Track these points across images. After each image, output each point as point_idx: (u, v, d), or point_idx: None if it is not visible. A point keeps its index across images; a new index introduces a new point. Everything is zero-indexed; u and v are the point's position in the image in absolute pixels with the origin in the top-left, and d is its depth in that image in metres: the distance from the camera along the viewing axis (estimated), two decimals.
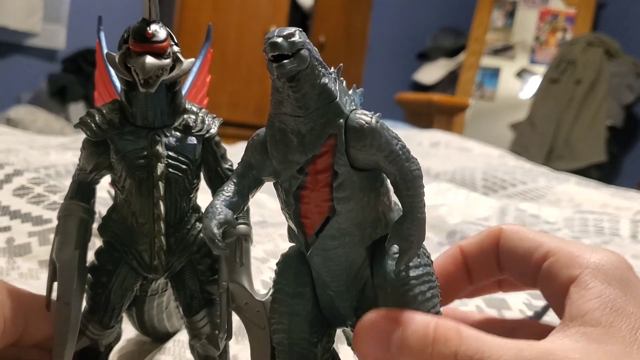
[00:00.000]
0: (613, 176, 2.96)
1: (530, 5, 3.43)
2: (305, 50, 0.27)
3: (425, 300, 0.30)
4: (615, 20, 3.27)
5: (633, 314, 0.27)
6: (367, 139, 0.28)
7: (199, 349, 0.39)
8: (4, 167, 0.70)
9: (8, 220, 0.63)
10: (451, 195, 0.99)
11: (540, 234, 0.33)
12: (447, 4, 3.69)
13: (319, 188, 0.29)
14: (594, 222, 0.88)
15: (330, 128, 0.28)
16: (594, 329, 0.26)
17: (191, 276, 0.38)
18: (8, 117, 2.33)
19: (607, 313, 0.27)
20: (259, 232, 0.71)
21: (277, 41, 0.27)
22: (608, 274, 0.29)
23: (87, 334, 0.37)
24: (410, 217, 0.28)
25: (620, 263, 0.30)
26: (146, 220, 0.36)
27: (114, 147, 0.36)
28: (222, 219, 0.30)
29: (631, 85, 2.88)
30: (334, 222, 0.29)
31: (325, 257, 0.30)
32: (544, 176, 1.15)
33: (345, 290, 0.31)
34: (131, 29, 0.34)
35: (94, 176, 0.37)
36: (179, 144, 0.36)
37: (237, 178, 0.32)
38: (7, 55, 2.77)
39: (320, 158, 0.29)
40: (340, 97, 0.29)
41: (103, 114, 0.36)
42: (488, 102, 3.40)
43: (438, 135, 1.62)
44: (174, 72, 0.35)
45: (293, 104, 0.28)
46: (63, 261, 0.35)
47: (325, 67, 0.29)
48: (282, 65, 0.27)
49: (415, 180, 0.28)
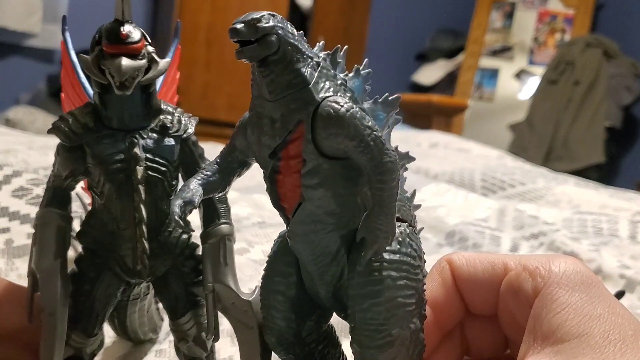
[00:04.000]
0: (612, 177, 2.96)
1: (529, 6, 3.43)
2: (273, 36, 0.27)
3: (396, 287, 0.29)
4: (614, 22, 3.27)
5: (602, 315, 0.27)
6: (333, 127, 0.27)
7: (185, 350, 0.38)
8: (3, 168, 0.70)
9: (7, 222, 0.62)
10: (450, 196, 0.99)
11: (488, 254, 0.32)
12: (445, 5, 3.69)
13: (291, 173, 0.29)
14: (593, 223, 0.88)
15: (299, 114, 0.28)
16: (567, 344, 0.26)
17: (175, 279, 0.37)
18: (7, 118, 2.32)
19: (577, 323, 0.26)
20: (258, 233, 0.70)
21: (237, 27, 0.27)
22: (570, 280, 0.28)
23: (71, 343, 0.36)
24: (377, 210, 0.28)
25: (579, 266, 0.29)
26: (127, 225, 0.35)
27: (91, 151, 0.35)
28: (188, 199, 0.30)
29: (630, 86, 2.88)
30: (304, 208, 0.29)
31: (300, 242, 0.30)
32: (543, 177, 1.15)
33: (320, 276, 0.31)
34: (104, 30, 0.33)
35: (70, 182, 0.36)
36: (157, 145, 0.36)
37: (220, 158, 0.32)
38: (6, 55, 2.76)
39: (292, 144, 0.29)
40: (317, 83, 0.28)
41: (77, 118, 0.35)
42: (487, 103, 3.40)
43: (437, 136, 1.62)
44: (149, 73, 0.34)
45: (264, 89, 0.28)
46: (44, 271, 0.34)
47: (302, 52, 0.28)
48: (241, 51, 0.27)
49: (386, 173, 0.27)
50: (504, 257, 0.31)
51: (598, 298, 0.27)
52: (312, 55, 0.29)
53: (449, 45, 3.59)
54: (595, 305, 0.27)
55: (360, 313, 0.29)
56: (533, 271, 0.29)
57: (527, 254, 0.32)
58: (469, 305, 0.33)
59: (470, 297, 0.32)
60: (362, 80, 0.31)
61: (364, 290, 0.29)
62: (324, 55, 0.30)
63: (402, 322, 0.29)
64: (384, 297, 0.29)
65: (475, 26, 3.47)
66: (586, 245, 0.78)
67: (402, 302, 0.29)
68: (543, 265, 0.29)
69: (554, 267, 0.29)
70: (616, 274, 0.71)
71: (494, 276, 0.31)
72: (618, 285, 0.70)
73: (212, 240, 0.36)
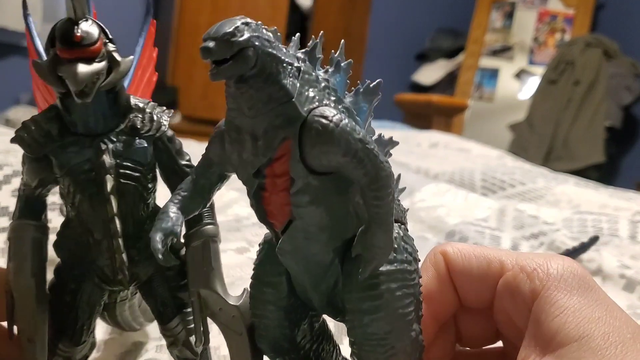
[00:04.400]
0: (612, 177, 2.96)
1: (529, 6, 3.43)
2: (250, 50, 0.24)
3: (395, 299, 0.28)
4: (614, 21, 3.27)
5: (600, 318, 0.26)
6: (323, 145, 0.25)
7: (177, 353, 0.37)
8: (3, 168, 0.70)
9: (7, 221, 0.62)
10: (450, 196, 0.99)
11: (484, 249, 0.32)
12: (445, 5, 3.68)
13: (278, 192, 0.27)
14: (593, 223, 0.88)
15: (284, 132, 0.26)
16: (567, 348, 0.26)
17: (160, 283, 0.36)
18: (7, 118, 2.32)
19: (576, 325, 0.26)
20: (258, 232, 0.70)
21: (209, 46, 0.24)
22: (568, 283, 0.28)
23: (59, 352, 0.35)
24: (375, 227, 0.26)
25: (576, 269, 0.29)
26: (103, 236, 0.33)
27: (57, 161, 0.32)
28: (168, 230, 0.28)
29: (630, 86, 2.88)
30: (295, 227, 0.27)
31: (291, 257, 0.29)
32: (543, 177, 1.15)
33: (314, 287, 0.30)
34: (57, 30, 0.30)
35: (41, 191, 0.34)
36: (128, 149, 0.33)
37: (196, 176, 0.30)
38: (6, 55, 2.76)
39: (277, 162, 0.27)
40: (300, 94, 0.26)
41: (40, 125, 0.32)
42: (487, 102, 3.40)
43: (437, 136, 1.62)
44: (110, 76, 0.31)
45: (242, 105, 0.26)
46: (20, 291, 0.33)
47: (282, 61, 0.26)
48: (216, 72, 0.24)
49: (382, 188, 0.26)
50: (500, 254, 0.31)
51: (596, 301, 0.27)
52: (291, 61, 0.26)
53: (449, 45, 3.59)
54: (594, 308, 0.27)
55: (360, 328, 0.28)
56: (531, 273, 0.29)
57: (523, 252, 0.31)
58: (462, 298, 0.32)
59: (464, 291, 0.32)
60: (344, 72, 0.29)
61: (362, 305, 0.28)
62: (302, 55, 0.27)
63: (403, 333, 0.28)
64: (384, 312, 0.28)
65: (475, 26, 3.47)
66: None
67: (401, 313, 0.28)
68: (541, 267, 0.29)
69: (552, 270, 0.28)
70: (616, 273, 0.71)
71: (489, 274, 0.31)
72: (618, 285, 0.70)
73: (196, 243, 0.34)
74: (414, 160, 1.26)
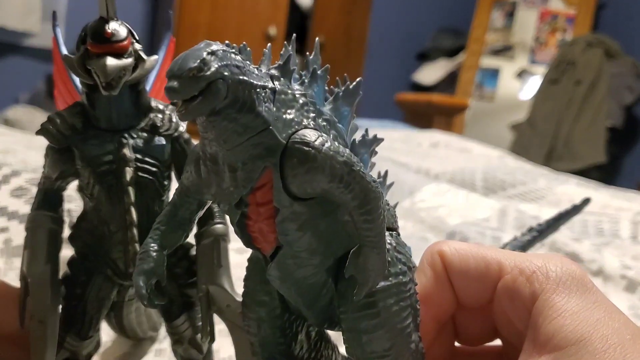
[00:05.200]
0: (613, 177, 2.95)
1: (530, 6, 3.43)
2: (219, 82, 0.22)
3: (393, 315, 0.27)
4: (615, 21, 3.27)
5: (599, 320, 0.26)
6: (306, 174, 0.24)
7: (182, 352, 0.37)
8: (2, 168, 0.70)
9: (6, 221, 0.62)
10: (451, 196, 0.99)
11: (481, 249, 0.31)
12: (446, 4, 3.68)
13: (263, 220, 0.26)
14: (594, 223, 0.88)
15: (263, 162, 0.25)
16: (566, 350, 0.26)
17: (169, 280, 0.36)
18: (6, 118, 2.32)
19: (574, 328, 0.26)
20: None
21: (174, 86, 0.22)
22: (567, 285, 0.28)
23: (66, 345, 0.35)
24: (367, 250, 0.25)
25: (574, 271, 0.28)
26: (118, 227, 0.35)
27: (79, 153, 0.34)
28: (150, 271, 0.28)
29: (631, 86, 2.88)
30: (284, 254, 0.26)
31: (281, 283, 0.28)
32: (544, 177, 1.15)
33: (308, 307, 0.29)
34: (88, 29, 0.32)
35: (60, 184, 0.36)
36: (147, 145, 0.35)
37: (174, 207, 0.29)
38: (5, 55, 2.76)
39: (259, 190, 0.25)
40: (277, 119, 0.24)
41: (64, 118, 0.34)
42: (488, 102, 3.40)
43: (438, 136, 1.62)
44: (136, 71, 0.33)
45: (217, 137, 0.24)
46: (35, 276, 0.34)
47: (254, 86, 0.24)
48: (186, 112, 0.22)
49: (372, 211, 0.25)
50: (498, 254, 0.31)
51: (595, 303, 0.27)
52: (264, 83, 0.25)
53: (450, 44, 3.59)
54: (593, 310, 0.27)
55: (359, 348, 0.28)
56: (530, 276, 0.29)
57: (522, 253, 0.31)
58: (459, 298, 0.32)
59: (462, 291, 0.32)
60: (321, 81, 0.28)
61: (360, 325, 0.27)
62: (275, 72, 0.26)
63: (403, 347, 0.28)
64: (382, 330, 0.27)
65: (476, 25, 3.47)
66: (587, 245, 0.78)
67: (400, 327, 0.28)
68: (540, 270, 0.29)
69: (550, 272, 0.28)
70: (617, 274, 0.71)
71: (487, 275, 0.31)
72: (619, 286, 0.70)
73: (206, 240, 0.35)
74: (414, 160, 1.25)
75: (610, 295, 0.64)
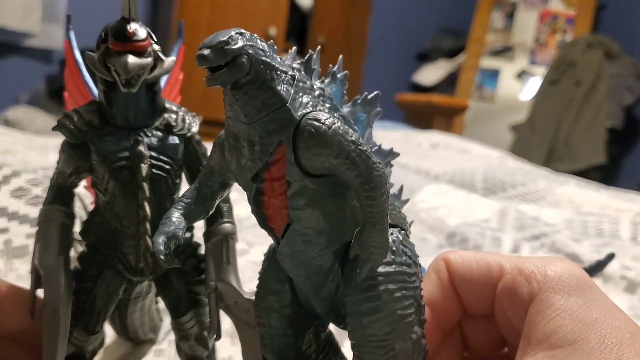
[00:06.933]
0: (613, 178, 2.95)
1: (530, 7, 3.43)
2: (244, 57, 0.25)
3: (394, 300, 0.28)
4: (615, 22, 3.27)
5: (598, 320, 0.26)
6: (316, 147, 0.26)
7: (186, 349, 0.38)
8: (2, 169, 0.70)
9: (6, 222, 0.62)
10: (451, 196, 0.99)
11: (485, 254, 0.32)
12: (446, 5, 3.68)
13: (276, 195, 0.28)
14: (594, 224, 0.88)
15: (279, 136, 0.27)
16: (561, 350, 0.25)
17: (177, 277, 0.38)
18: (6, 118, 2.32)
19: (572, 328, 0.26)
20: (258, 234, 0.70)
21: (204, 53, 0.25)
22: (566, 285, 0.28)
23: (72, 340, 0.36)
24: (369, 227, 0.27)
25: (574, 270, 0.28)
26: (131, 222, 0.35)
27: (95, 149, 0.35)
28: (171, 233, 0.29)
29: (631, 86, 2.88)
30: (293, 229, 0.28)
31: (291, 262, 0.29)
32: (544, 178, 1.15)
33: (315, 293, 0.30)
34: (110, 28, 0.33)
35: (74, 179, 0.36)
36: (161, 143, 0.36)
37: (199, 184, 0.31)
38: (5, 55, 2.76)
39: (274, 165, 0.28)
40: (294, 100, 0.27)
41: (82, 115, 0.35)
42: (488, 103, 3.40)
43: (438, 137, 1.62)
44: (155, 71, 0.34)
45: (239, 112, 0.27)
46: (47, 267, 0.34)
47: (276, 69, 0.27)
48: (211, 78, 0.26)
49: (375, 188, 0.26)
50: (500, 258, 0.31)
51: (594, 302, 0.27)
52: (285, 69, 0.27)
53: (450, 45, 3.59)
54: (592, 309, 0.27)
55: (360, 330, 0.28)
56: (529, 275, 0.29)
57: (523, 256, 0.31)
58: (465, 305, 0.32)
59: (466, 297, 0.32)
60: (340, 84, 0.30)
61: (362, 307, 0.28)
62: (297, 66, 0.29)
63: (403, 335, 0.29)
64: (383, 313, 0.28)
65: (476, 26, 3.47)
66: (587, 246, 0.78)
67: (401, 314, 0.28)
68: (539, 270, 0.29)
69: (549, 272, 0.28)
70: (617, 275, 0.71)
71: (489, 278, 0.31)
72: (619, 287, 0.70)
73: (215, 238, 0.36)
74: (414, 160, 1.25)
75: (610, 296, 0.64)
